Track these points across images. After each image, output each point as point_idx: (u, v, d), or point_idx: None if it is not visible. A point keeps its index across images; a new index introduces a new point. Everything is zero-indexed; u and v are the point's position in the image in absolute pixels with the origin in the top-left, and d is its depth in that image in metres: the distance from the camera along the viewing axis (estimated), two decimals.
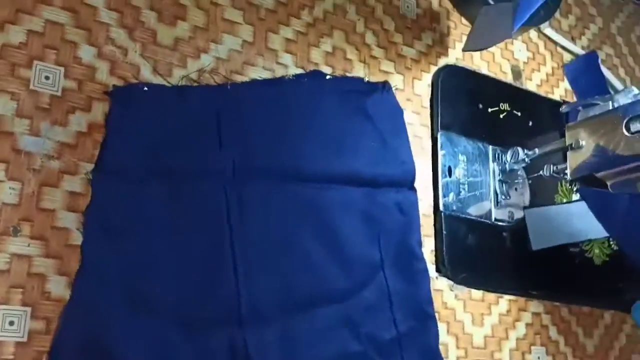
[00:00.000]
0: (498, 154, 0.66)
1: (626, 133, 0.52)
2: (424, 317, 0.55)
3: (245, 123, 0.50)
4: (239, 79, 0.53)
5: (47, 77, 0.45)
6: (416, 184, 0.60)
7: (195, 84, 0.50)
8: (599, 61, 0.77)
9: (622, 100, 0.55)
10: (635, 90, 0.55)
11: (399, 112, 0.60)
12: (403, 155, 0.58)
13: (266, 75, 0.54)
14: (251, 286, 0.47)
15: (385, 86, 0.59)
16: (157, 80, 0.49)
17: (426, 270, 0.57)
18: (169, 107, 0.48)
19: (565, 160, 0.58)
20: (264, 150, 0.51)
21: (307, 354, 0.48)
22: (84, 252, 0.43)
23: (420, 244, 0.57)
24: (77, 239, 0.44)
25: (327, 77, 0.57)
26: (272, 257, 0.49)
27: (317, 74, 0.57)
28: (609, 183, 0.55)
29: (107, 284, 0.43)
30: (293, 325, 0.48)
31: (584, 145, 0.56)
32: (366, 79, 0.59)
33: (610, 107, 0.55)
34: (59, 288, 0.43)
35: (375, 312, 0.53)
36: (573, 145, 0.56)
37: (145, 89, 0.48)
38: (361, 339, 0.51)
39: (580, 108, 0.59)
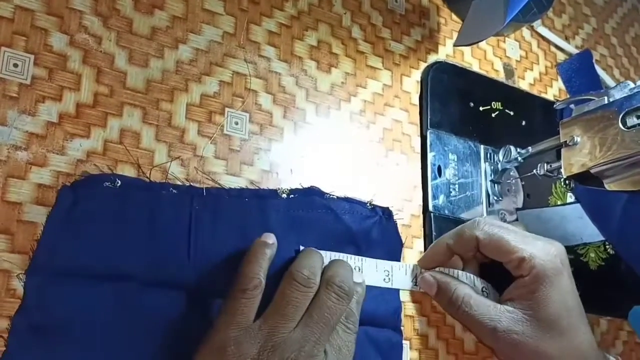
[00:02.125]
0: (490, 154, 0.65)
1: (622, 128, 0.51)
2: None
3: (220, 236, 0.46)
4: (218, 70, 0.51)
5: (15, 65, 0.43)
6: (405, 184, 0.58)
7: (167, 180, 0.47)
8: (593, 60, 0.76)
9: (618, 94, 0.53)
10: (631, 84, 0.53)
11: (398, 244, 0.55)
12: (391, 293, 0.53)
13: (243, 67, 0.52)
14: None
15: (385, 212, 0.55)
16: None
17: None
18: (134, 206, 0.44)
19: (559, 158, 0.56)
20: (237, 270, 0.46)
21: None
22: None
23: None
24: None
25: (327, 195, 0.52)
26: None
27: (315, 191, 0.52)
28: (605, 181, 0.53)
29: None
30: None
31: (579, 141, 0.54)
32: (369, 204, 0.54)
33: (606, 102, 0.53)
34: None
35: None
36: (568, 142, 0.54)
37: (106, 184, 0.44)
38: None
39: (573, 106, 0.57)
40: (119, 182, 0.44)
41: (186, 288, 0.44)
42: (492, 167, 0.64)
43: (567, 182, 0.58)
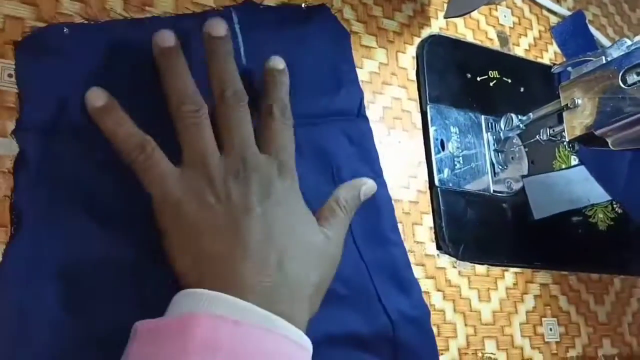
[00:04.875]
0: (491, 123, 0.64)
1: (623, 86, 0.50)
2: (387, 244, 0.52)
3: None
4: None
5: (10, 75, 0.42)
6: (409, 160, 0.58)
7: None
8: (586, 20, 0.75)
9: (615, 53, 0.52)
10: (628, 42, 0.52)
11: (342, 35, 0.57)
12: (347, 81, 0.55)
13: None
14: None
15: (322, 10, 0.56)
16: None
17: (387, 195, 0.54)
18: (89, 49, 0.44)
19: (561, 122, 0.56)
20: None
21: None
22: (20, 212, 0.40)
23: (378, 172, 0.54)
24: None
25: (261, 6, 0.53)
26: None
27: (249, 5, 0.52)
28: (609, 140, 0.53)
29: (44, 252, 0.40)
30: None
31: (580, 104, 0.54)
32: (304, 5, 0.55)
33: (604, 62, 0.53)
34: None
35: None
36: (569, 105, 0.54)
37: (66, 30, 0.44)
38: None
39: (571, 68, 0.57)
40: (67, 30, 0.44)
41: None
42: (494, 137, 0.64)
43: (571, 145, 0.58)
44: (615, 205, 0.70)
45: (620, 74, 0.50)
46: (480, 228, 0.60)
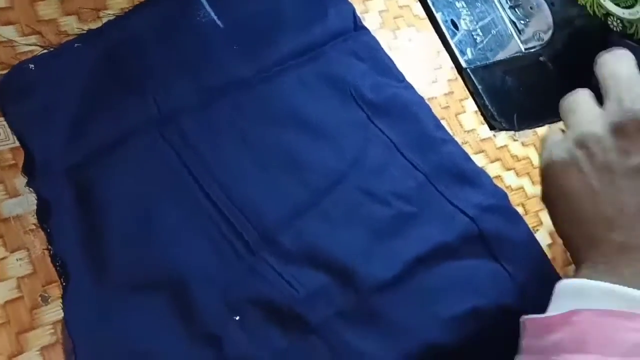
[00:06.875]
0: None
1: None
2: (437, 144, 0.49)
3: (146, 55, 0.44)
4: None
5: None
6: (427, 55, 0.54)
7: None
8: None
9: None
10: None
11: None
12: (332, 0, 0.51)
13: None
14: (243, 213, 0.42)
15: None
16: None
17: (418, 98, 0.50)
18: (61, 75, 0.42)
19: None
20: (181, 74, 0.44)
21: (334, 248, 0.42)
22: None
23: (399, 77, 0.51)
24: None
25: None
26: (249, 175, 0.43)
27: None
28: None
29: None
30: (305, 229, 0.42)
31: None
32: None
33: None
34: None
35: (388, 166, 0.47)
36: None
37: (31, 65, 0.41)
38: (388, 200, 0.45)
39: None
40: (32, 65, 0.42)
41: (150, 119, 0.43)
42: None
43: None
44: None
45: None
46: (526, 91, 0.56)
